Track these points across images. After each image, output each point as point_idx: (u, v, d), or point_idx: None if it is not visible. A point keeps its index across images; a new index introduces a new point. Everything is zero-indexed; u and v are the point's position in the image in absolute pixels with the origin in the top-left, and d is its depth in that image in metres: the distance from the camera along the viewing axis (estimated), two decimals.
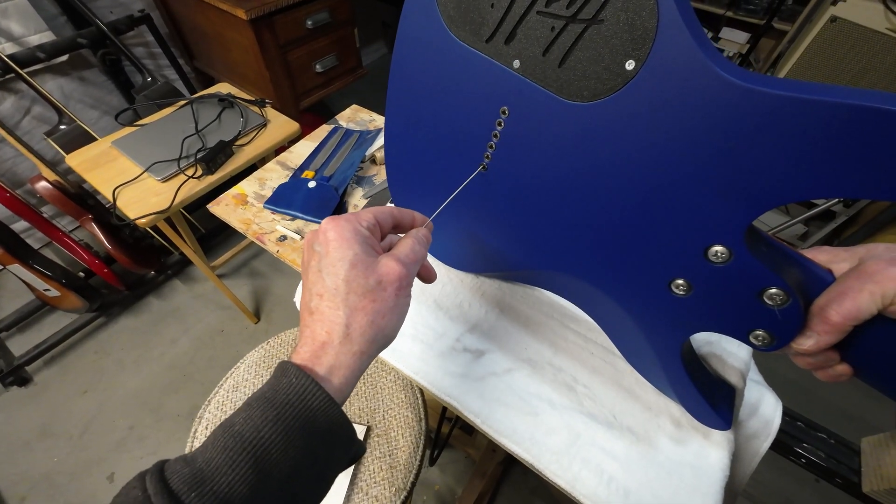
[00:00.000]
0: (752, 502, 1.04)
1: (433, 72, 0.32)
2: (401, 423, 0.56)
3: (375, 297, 0.23)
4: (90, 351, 1.32)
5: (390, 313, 0.24)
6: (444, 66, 0.31)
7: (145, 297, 1.46)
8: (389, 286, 0.24)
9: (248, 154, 0.98)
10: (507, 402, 0.36)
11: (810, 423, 0.41)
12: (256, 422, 0.21)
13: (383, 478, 0.52)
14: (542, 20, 0.25)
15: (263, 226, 0.53)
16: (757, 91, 0.19)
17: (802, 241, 1.63)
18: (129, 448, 1.15)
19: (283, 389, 0.22)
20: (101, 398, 1.23)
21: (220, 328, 1.40)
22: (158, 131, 1.00)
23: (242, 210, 0.55)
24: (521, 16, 0.26)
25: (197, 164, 0.92)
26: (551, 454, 0.34)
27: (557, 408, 0.36)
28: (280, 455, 0.20)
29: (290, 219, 0.54)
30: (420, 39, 0.31)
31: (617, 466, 0.33)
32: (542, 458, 0.34)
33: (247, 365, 0.60)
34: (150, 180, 0.91)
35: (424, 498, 1.10)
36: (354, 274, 0.23)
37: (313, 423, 0.21)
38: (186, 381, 1.28)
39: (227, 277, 1.52)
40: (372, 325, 0.23)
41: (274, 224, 0.53)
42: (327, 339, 0.23)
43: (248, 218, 0.54)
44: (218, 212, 0.54)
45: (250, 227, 0.53)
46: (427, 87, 0.33)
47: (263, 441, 0.20)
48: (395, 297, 0.24)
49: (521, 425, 0.35)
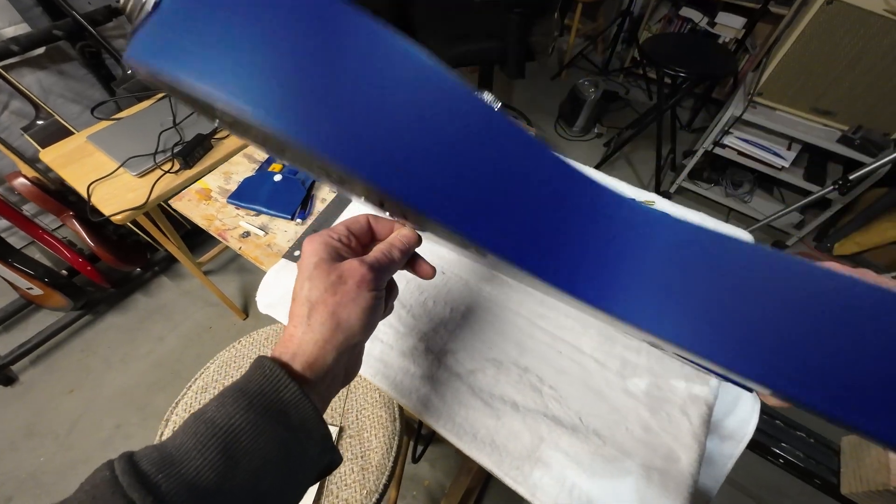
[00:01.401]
0: (735, 488, 1.03)
1: None
2: (374, 422, 0.55)
3: (336, 290, 0.25)
4: (76, 349, 1.31)
5: (351, 304, 0.25)
6: None
7: (132, 294, 1.45)
8: (350, 280, 0.25)
9: (228, 147, 0.96)
10: (469, 405, 0.35)
11: (789, 422, 0.39)
12: (229, 409, 0.21)
13: (354, 480, 0.50)
14: None
15: (226, 221, 0.51)
16: None
17: (798, 230, 1.61)
18: (116, 447, 1.14)
19: (257, 380, 0.23)
20: (88, 397, 1.22)
21: (207, 325, 1.39)
22: (135, 125, 0.98)
23: (206, 205, 0.52)
24: None
25: (174, 158, 0.90)
26: (512, 460, 0.32)
27: (521, 411, 0.34)
28: (250, 443, 0.21)
29: (254, 214, 0.51)
30: None
31: (580, 472, 0.31)
32: (502, 465, 0.32)
33: (217, 365, 0.58)
34: (125, 175, 0.88)
35: (414, 493, 1.10)
36: (317, 272, 0.25)
37: (285, 415, 0.22)
38: (174, 379, 1.27)
39: (214, 274, 1.50)
40: (332, 315, 0.24)
41: (237, 220, 0.51)
42: (293, 332, 0.25)
43: (210, 214, 0.51)
44: (180, 207, 0.52)
45: (213, 223, 0.51)
46: None
47: (234, 428, 0.21)
48: (357, 291, 0.25)
49: (483, 429, 0.33)
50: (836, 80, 1.30)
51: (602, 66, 2.42)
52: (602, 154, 1.95)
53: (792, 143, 1.53)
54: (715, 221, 0.51)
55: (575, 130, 2.06)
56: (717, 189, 1.75)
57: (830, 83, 1.31)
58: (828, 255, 1.61)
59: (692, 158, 1.66)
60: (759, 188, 1.75)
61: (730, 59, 1.43)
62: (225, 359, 0.59)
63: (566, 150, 2.03)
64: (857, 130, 1.34)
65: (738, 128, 1.52)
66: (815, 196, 1.27)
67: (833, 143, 1.37)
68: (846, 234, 1.54)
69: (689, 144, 1.99)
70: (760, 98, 1.45)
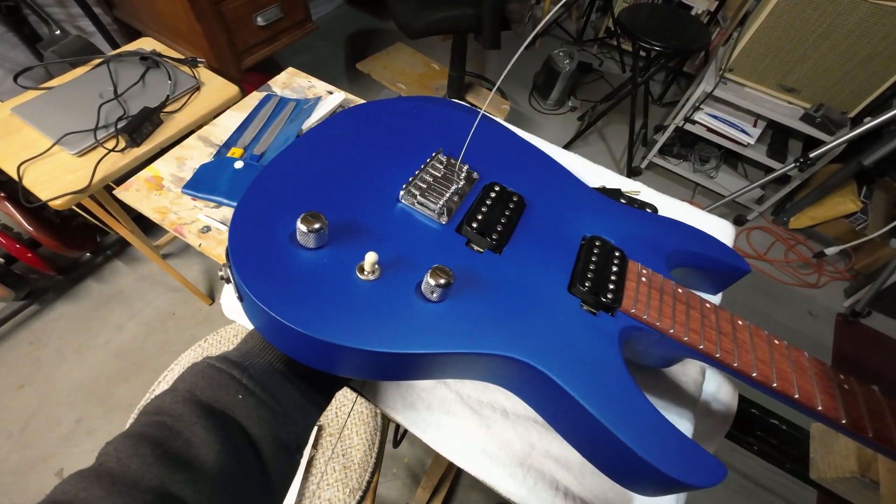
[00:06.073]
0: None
1: None
2: (355, 419, 0.53)
3: None
4: (24, 342, 1.22)
5: None
6: None
7: (83, 280, 1.34)
8: None
9: (181, 122, 0.87)
10: (457, 413, 0.33)
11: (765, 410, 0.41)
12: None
13: (336, 479, 0.49)
14: None
15: (182, 215, 0.46)
16: None
17: (759, 204, 1.68)
18: (78, 442, 1.09)
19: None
20: (42, 392, 1.14)
21: (171, 311, 1.31)
22: (70, 96, 0.87)
23: (157, 196, 0.47)
24: None
25: (118, 134, 0.81)
26: (503, 468, 0.31)
27: (511, 417, 0.33)
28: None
29: (214, 206, 0.47)
30: None
31: (571, 478, 0.31)
32: (494, 474, 0.31)
33: (181, 367, 0.54)
34: (62, 154, 0.79)
35: (395, 471, 1.11)
36: None
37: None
38: (137, 369, 1.21)
39: (174, 257, 1.41)
40: None
41: (195, 212, 0.46)
42: None
43: (163, 206, 0.46)
44: (128, 199, 0.47)
45: (167, 216, 0.45)
46: None
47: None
48: None
49: (472, 439, 0.32)
50: (802, 57, 1.32)
51: (576, 36, 2.36)
52: (577, 128, 1.93)
53: (758, 120, 1.56)
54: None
55: (549, 103, 2.02)
56: (685, 165, 1.78)
57: (797, 60, 1.33)
58: (784, 228, 1.70)
59: (663, 134, 1.68)
60: (725, 164, 1.79)
61: (703, 32, 1.42)
62: (190, 359, 0.55)
63: (541, 125, 2.00)
64: (818, 108, 1.38)
65: (708, 104, 1.54)
66: (778, 173, 1.32)
67: (796, 120, 1.41)
68: (801, 208, 1.62)
69: (661, 119, 2.01)
70: (731, 74, 1.46)
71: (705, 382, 0.39)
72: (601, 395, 0.25)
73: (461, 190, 0.33)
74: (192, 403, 0.23)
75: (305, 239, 0.26)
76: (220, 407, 0.23)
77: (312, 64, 2.09)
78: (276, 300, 0.23)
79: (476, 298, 0.27)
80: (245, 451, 0.23)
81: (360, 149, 0.34)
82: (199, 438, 0.21)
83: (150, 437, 0.21)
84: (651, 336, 0.30)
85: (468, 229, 0.31)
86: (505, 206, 0.32)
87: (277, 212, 0.28)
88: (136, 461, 0.20)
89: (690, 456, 0.24)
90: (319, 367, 0.26)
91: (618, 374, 0.26)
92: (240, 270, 0.24)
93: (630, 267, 0.32)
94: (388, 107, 0.39)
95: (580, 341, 0.27)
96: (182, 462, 0.20)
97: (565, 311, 0.29)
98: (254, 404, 0.24)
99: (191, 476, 0.20)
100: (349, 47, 2.21)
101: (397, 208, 0.31)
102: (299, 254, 0.26)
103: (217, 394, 0.24)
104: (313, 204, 0.29)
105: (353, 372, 0.27)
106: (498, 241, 0.30)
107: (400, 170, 0.33)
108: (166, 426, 0.22)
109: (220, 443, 0.21)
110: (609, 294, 0.29)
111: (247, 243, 0.25)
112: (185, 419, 0.22)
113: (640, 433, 0.24)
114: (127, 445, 0.20)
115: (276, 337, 0.25)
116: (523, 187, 0.35)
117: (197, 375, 0.25)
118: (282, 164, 0.31)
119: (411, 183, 0.32)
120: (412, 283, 0.27)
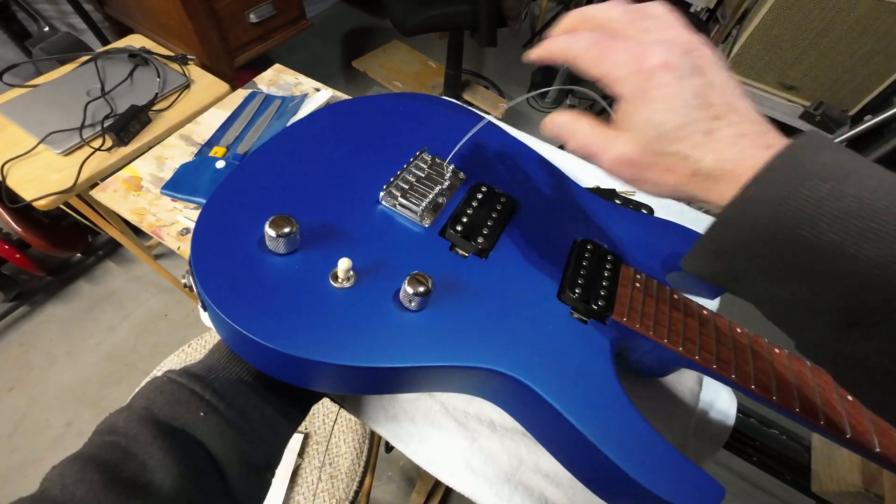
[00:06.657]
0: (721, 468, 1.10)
1: None
2: (342, 426, 0.52)
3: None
4: (13, 344, 1.20)
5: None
6: None
7: (74, 281, 1.33)
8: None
9: (170, 121, 0.85)
10: (442, 426, 0.32)
11: (764, 420, 0.39)
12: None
13: (323, 489, 0.48)
14: None
15: (161, 216, 0.44)
16: None
17: None
18: (69, 446, 1.07)
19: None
20: (31, 394, 1.13)
21: (163, 312, 1.30)
22: (56, 94, 0.85)
23: (136, 197, 0.45)
24: None
25: (105, 133, 0.79)
26: (489, 485, 0.30)
27: (498, 430, 0.32)
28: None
29: (194, 207, 0.45)
30: None
31: (561, 495, 0.29)
32: (479, 490, 0.30)
33: None
34: (47, 153, 0.78)
35: (389, 474, 1.10)
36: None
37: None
38: (130, 371, 1.19)
39: (166, 258, 1.39)
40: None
41: (174, 214, 0.44)
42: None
43: (142, 207, 0.45)
44: (104, 199, 0.45)
45: (145, 218, 0.44)
46: None
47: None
48: None
49: (457, 452, 0.31)
50: (802, 54, 1.30)
51: None
52: None
53: None
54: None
55: (547, 101, 2.01)
56: None
57: (797, 57, 1.32)
58: None
59: None
60: None
61: (702, 30, 1.41)
62: (174, 364, 0.54)
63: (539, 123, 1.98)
64: (818, 107, 1.36)
65: None
66: None
67: (795, 118, 1.39)
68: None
69: None
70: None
71: (702, 391, 0.37)
72: (590, 411, 0.23)
73: (446, 191, 0.31)
74: (148, 422, 0.21)
75: (274, 244, 0.24)
76: (179, 425, 0.22)
77: (308, 62, 2.07)
78: (239, 311, 0.22)
79: (458, 307, 0.26)
80: (207, 473, 0.21)
81: (340, 147, 0.32)
82: (154, 460, 0.20)
83: (99, 461, 0.19)
84: (645, 346, 0.28)
85: (452, 232, 0.29)
86: (492, 208, 0.31)
87: (247, 215, 0.26)
88: (81, 487, 0.18)
89: (685, 477, 0.22)
90: (290, 381, 0.24)
91: (609, 387, 0.25)
92: (201, 278, 0.23)
93: (623, 272, 0.30)
94: (373, 103, 0.37)
95: (569, 352, 0.26)
96: (134, 487, 0.19)
97: (554, 320, 0.27)
98: (217, 421, 0.23)
99: (144, 502, 0.18)
100: (345, 45, 2.19)
101: (377, 210, 0.29)
102: (268, 260, 0.24)
103: (176, 411, 0.22)
104: (286, 206, 0.27)
105: (326, 387, 0.25)
106: (484, 244, 0.29)
107: (381, 169, 0.31)
108: (119, 447, 0.20)
109: (178, 464, 0.20)
110: (600, 301, 0.28)
111: (211, 249, 0.24)
112: (139, 439, 0.20)
113: (631, 452, 0.22)
114: (73, 470, 0.19)
115: (243, 349, 0.24)
116: (513, 188, 0.34)
117: (155, 391, 0.23)
118: (255, 164, 0.30)
119: (392, 183, 0.30)
120: (390, 292, 0.25)
